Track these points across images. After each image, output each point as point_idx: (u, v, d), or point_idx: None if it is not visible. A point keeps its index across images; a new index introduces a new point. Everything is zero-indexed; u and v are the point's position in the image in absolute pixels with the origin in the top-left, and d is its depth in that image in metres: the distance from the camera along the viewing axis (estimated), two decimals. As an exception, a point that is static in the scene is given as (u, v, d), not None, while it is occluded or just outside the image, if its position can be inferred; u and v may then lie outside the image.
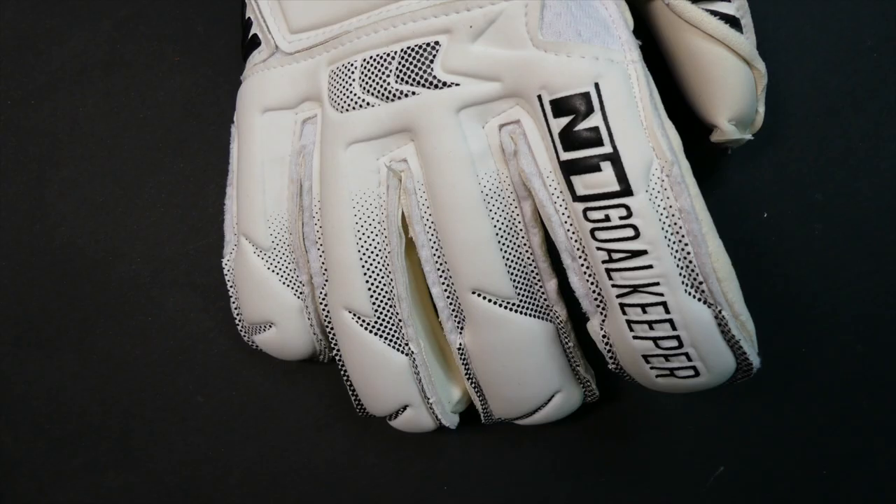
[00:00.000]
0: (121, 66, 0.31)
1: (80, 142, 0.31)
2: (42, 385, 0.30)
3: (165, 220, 0.30)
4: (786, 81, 0.28)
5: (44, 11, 0.32)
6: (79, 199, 0.31)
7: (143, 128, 0.31)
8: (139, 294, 0.30)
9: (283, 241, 0.25)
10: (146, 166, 0.30)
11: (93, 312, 0.30)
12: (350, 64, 0.23)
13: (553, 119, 0.20)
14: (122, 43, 0.31)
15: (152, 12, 0.31)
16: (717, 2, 0.23)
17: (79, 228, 0.31)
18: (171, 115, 0.30)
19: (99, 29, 0.32)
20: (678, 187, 0.20)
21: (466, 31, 0.21)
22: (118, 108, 0.31)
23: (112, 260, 0.30)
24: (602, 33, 0.21)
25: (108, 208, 0.30)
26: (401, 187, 0.23)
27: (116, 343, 0.30)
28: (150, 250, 0.30)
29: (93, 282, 0.30)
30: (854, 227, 0.28)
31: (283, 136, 0.25)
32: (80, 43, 0.32)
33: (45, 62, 0.32)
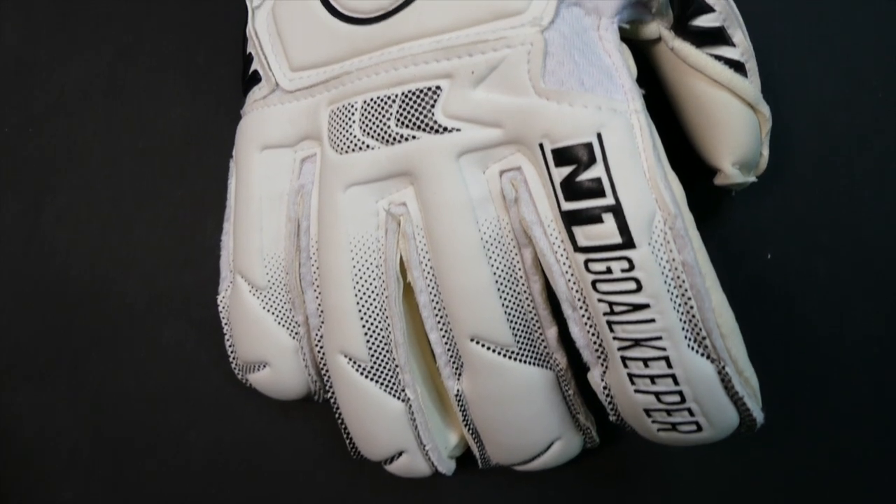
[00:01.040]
0: (121, 94, 0.31)
1: (77, 169, 0.31)
2: (31, 417, 0.30)
3: (162, 252, 0.30)
4: (789, 121, 0.28)
5: (45, 38, 0.32)
6: (74, 228, 0.30)
7: (142, 157, 0.30)
8: (133, 326, 0.30)
9: (280, 280, 0.25)
10: (144, 196, 0.30)
11: (85, 344, 0.30)
12: (350, 105, 0.23)
13: (555, 168, 0.20)
14: (122, 71, 0.31)
15: (154, 41, 0.31)
16: (721, 46, 0.23)
17: (73, 257, 0.30)
18: (171, 145, 0.30)
19: (100, 56, 0.31)
20: (681, 240, 0.19)
21: (468, 76, 0.21)
22: (117, 137, 0.31)
23: (106, 290, 0.30)
24: (605, 82, 0.20)
25: (104, 237, 0.30)
26: (399, 231, 0.23)
27: (108, 376, 0.30)
28: (146, 281, 0.30)
29: (86, 312, 0.30)
30: (860, 268, 0.27)
31: (282, 174, 0.25)
32: (80, 70, 0.31)
33: (45, 89, 0.32)
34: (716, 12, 0.22)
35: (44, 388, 0.30)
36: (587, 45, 0.21)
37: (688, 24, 0.22)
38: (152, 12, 0.31)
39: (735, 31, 0.23)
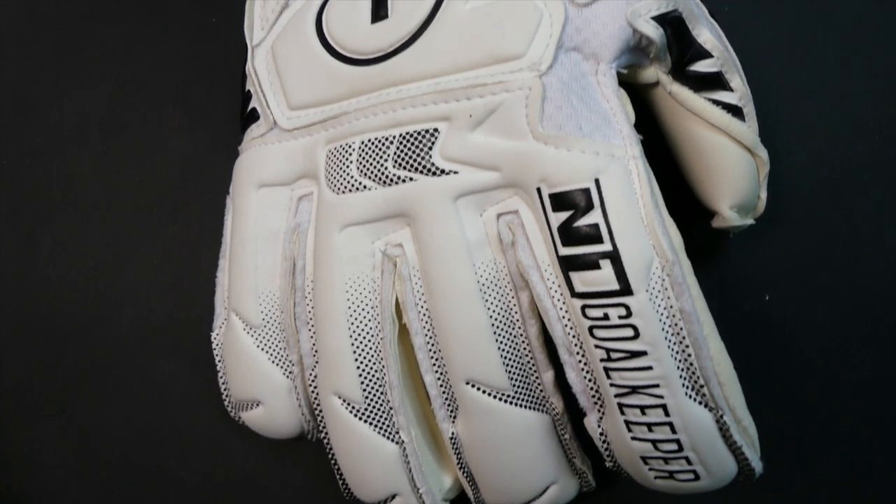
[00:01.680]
0: (119, 128, 0.31)
1: (73, 203, 0.31)
2: (19, 455, 0.29)
3: (156, 287, 0.30)
4: (788, 164, 0.28)
5: (44, 72, 0.32)
6: (69, 262, 0.30)
7: (139, 192, 0.30)
8: (125, 362, 0.29)
9: (274, 318, 0.25)
10: (140, 231, 0.30)
11: (76, 380, 0.29)
12: (348, 145, 0.23)
13: (552, 213, 0.20)
14: (121, 106, 0.31)
15: (153, 76, 0.31)
16: (719, 91, 0.23)
17: (67, 292, 0.30)
18: (168, 180, 0.30)
19: (99, 91, 0.31)
20: (679, 287, 0.19)
21: (466, 119, 0.21)
22: (114, 171, 0.31)
23: (99, 325, 0.30)
24: (603, 127, 0.20)
25: (99, 272, 0.30)
26: (395, 272, 0.22)
27: (98, 413, 0.29)
28: (139, 317, 0.30)
29: (78, 347, 0.30)
30: (859, 310, 0.27)
31: (278, 212, 0.25)
32: (79, 104, 0.31)
33: (44, 122, 0.32)
34: (713, 58, 0.22)
35: (31, 426, 0.29)
36: (585, 91, 0.21)
37: (686, 69, 0.22)
38: (152, 48, 0.31)
39: (733, 76, 0.23)
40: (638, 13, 0.21)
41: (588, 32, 0.21)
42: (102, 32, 0.32)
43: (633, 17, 0.21)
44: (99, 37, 0.32)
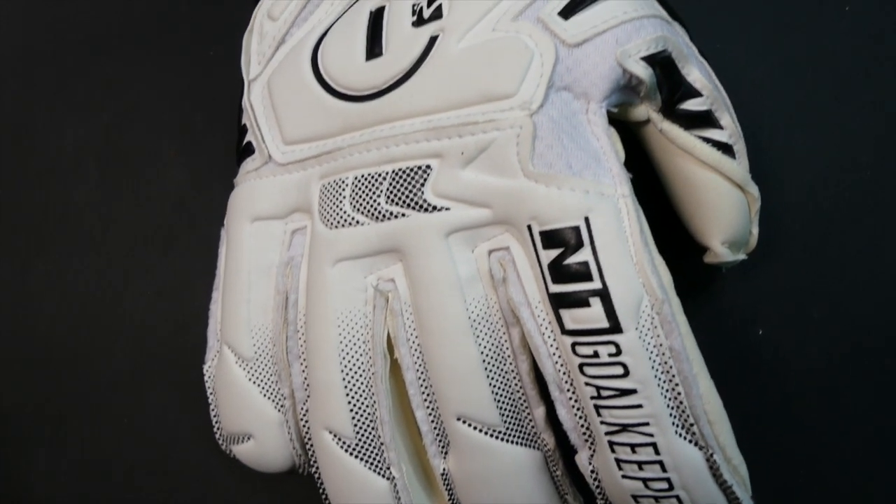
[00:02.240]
0: (116, 158, 0.31)
1: (69, 233, 0.31)
2: (8, 487, 0.29)
3: (149, 318, 0.30)
4: (779, 197, 0.28)
5: (43, 102, 0.33)
6: (62, 292, 0.30)
7: (134, 222, 0.30)
8: (117, 393, 0.29)
9: (266, 352, 0.25)
10: (134, 261, 0.30)
11: (67, 411, 0.29)
12: (341, 180, 0.23)
13: (542, 250, 0.20)
14: (118, 137, 0.31)
15: (151, 108, 0.31)
16: (709, 129, 0.23)
17: (59, 322, 0.30)
18: (163, 212, 0.30)
19: (97, 121, 0.32)
20: (668, 326, 0.19)
21: (458, 157, 0.21)
22: (110, 201, 0.31)
23: (91, 355, 0.30)
24: (593, 165, 0.21)
25: (92, 302, 0.30)
26: (387, 308, 0.23)
27: (90, 444, 0.29)
28: (132, 347, 0.29)
29: (70, 378, 0.30)
30: (853, 345, 0.27)
31: (272, 245, 0.25)
32: (76, 135, 0.32)
33: (41, 152, 0.32)
34: (703, 97, 0.23)
35: (21, 457, 0.29)
36: (576, 129, 0.21)
37: (676, 107, 0.23)
38: (150, 80, 0.32)
39: (723, 114, 0.23)
40: (627, 53, 0.21)
41: (578, 72, 0.21)
42: (101, 63, 0.32)
43: (622, 58, 0.21)
44: (97, 68, 0.32)
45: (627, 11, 0.22)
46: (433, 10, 0.23)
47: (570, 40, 0.21)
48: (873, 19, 0.30)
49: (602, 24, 0.22)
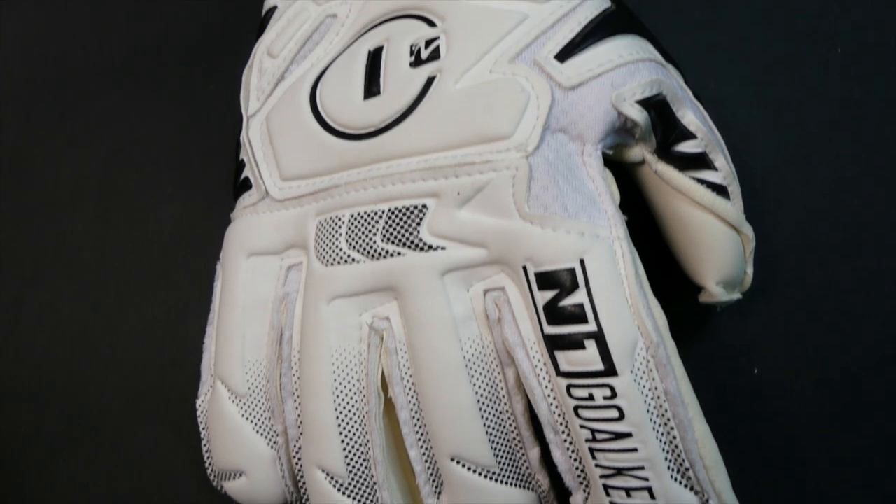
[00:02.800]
0: (114, 192, 0.31)
1: (64, 265, 0.31)
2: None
3: (143, 351, 0.29)
4: (774, 237, 0.28)
5: (43, 133, 0.33)
6: (56, 324, 0.30)
7: (130, 255, 0.30)
8: (108, 427, 0.29)
9: (260, 388, 0.25)
10: (129, 294, 0.30)
11: (57, 444, 0.29)
12: (338, 218, 0.23)
13: (538, 291, 0.20)
14: (116, 169, 0.32)
15: (149, 141, 0.32)
16: (704, 171, 0.23)
17: (52, 354, 0.30)
18: (159, 245, 0.30)
19: (96, 153, 0.32)
20: (663, 369, 0.19)
21: (454, 196, 0.21)
22: (106, 234, 0.31)
23: (83, 389, 0.29)
24: (588, 207, 0.21)
25: (85, 335, 0.30)
26: (382, 346, 0.22)
27: (79, 479, 0.29)
28: (124, 381, 0.29)
29: (61, 411, 0.29)
30: (849, 383, 0.27)
31: (267, 281, 0.25)
32: (75, 166, 0.32)
33: (40, 183, 0.32)
34: (697, 139, 0.23)
35: (9, 492, 0.29)
36: (571, 171, 0.21)
37: (670, 149, 0.23)
38: (149, 114, 0.32)
39: (717, 155, 0.23)
40: (623, 97, 0.22)
41: (574, 114, 0.21)
42: (101, 97, 0.33)
43: (617, 101, 0.21)
44: (97, 101, 0.33)
45: (623, 55, 0.22)
46: (431, 50, 0.23)
47: (566, 83, 0.21)
48: (864, 61, 0.30)
49: (598, 67, 0.22)
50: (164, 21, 0.34)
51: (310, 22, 0.27)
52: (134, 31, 0.34)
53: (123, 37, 0.34)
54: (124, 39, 0.34)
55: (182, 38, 0.33)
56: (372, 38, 0.25)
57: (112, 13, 0.35)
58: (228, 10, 0.33)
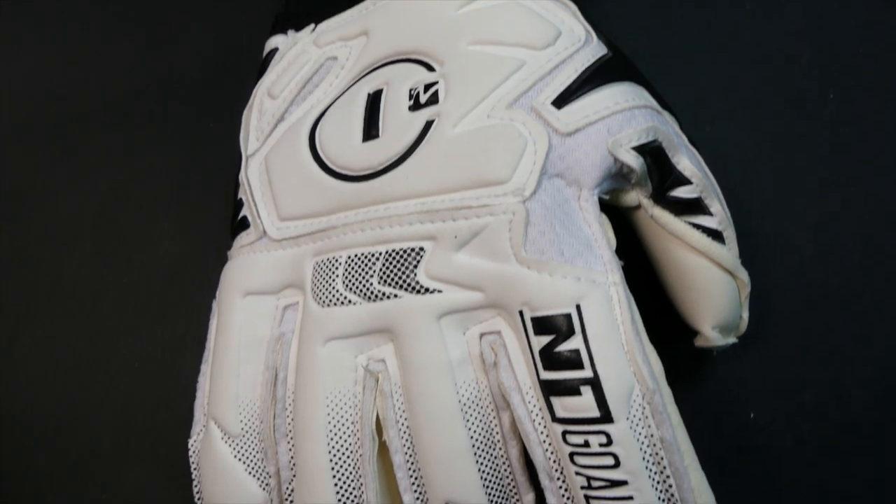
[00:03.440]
0: (111, 227, 0.31)
1: (59, 300, 0.31)
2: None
3: (136, 389, 0.29)
4: (769, 281, 0.28)
5: (41, 168, 0.33)
6: (49, 360, 0.30)
7: (126, 291, 0.30)
8: (98, 465, 0.29)
9: (253, 429, 0.24)
10: (123, 330, 0.30)
11: (46, 483, 0.29)
12: (335, 259, 0.23)
13: (534, 336, 0.20)
14: (114, 205, 0.32)
15: (149, 177, 0.32)
16: (699, 216, 0.23)
17: (45, 389, 0.30)
18: (156, 281, 0.30)
19: (94, 189, 0.32)
20: (659, 416, 0.19)
21: (451, 240, 0.21)
22: (102, 270, 0.31)
23: (74, 426, 0.29)
24: (585, 253, 0.21)
25: (79, 371, 0.30)
26: (377, 389, 0.22)
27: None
28: (117, 419, 0.29)
29: (51, 447, 0.29)
30: (845, 428, 0.27)
31: (263, 320, 0.25)
32: (73, 202, 0.32)
33: (37, 218, 0.32)
34: (693, 184, 0.23)
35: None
36: (568, 216, 0.21)
37: (666, 194, 0.23)
38: (149, 151, 0.32)
39: (712, 201, 0.24)
40: (619, 143, 0.22)
41: (571, 160, 0.22)
42: (101, 134, 0.33)
43: (614, 147, 0.22)
44: (97, 138, 0.33)
45: (619, 102, 0.22)
46: (430, 95, 0.23)
47: (563, 129, 0.22)
48: (857, 107, 0.31)
49: (594, 114, 0.22)
50: (165, 59, 0.35)
51: (310, 64, 0.27)
52: (135, 69, 0.34)
53: (125, 74, 0.34)
54: (125, 76, 0.34)
55: (183, 77, 0.34)
56: (371, 81, 0.25)
57: (114, 50, 0.35)
58: (230, 50, 0.34)
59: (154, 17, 0.36)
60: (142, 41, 0.35)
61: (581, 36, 0.24)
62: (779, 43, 0.32)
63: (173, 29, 0.35)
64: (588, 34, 0.24)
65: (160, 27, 0.36)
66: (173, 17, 0.36)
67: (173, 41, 0.35)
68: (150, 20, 0.36)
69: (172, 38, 0.35)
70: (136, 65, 0.35)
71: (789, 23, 0.33)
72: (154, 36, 0.35)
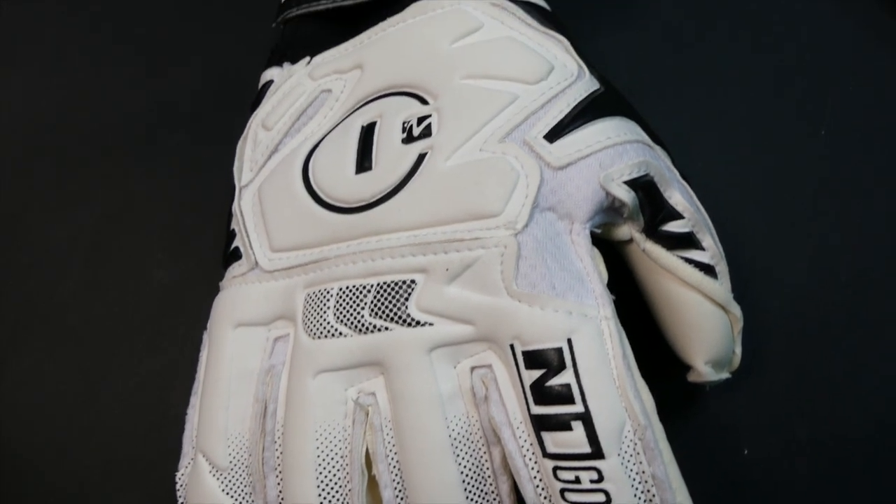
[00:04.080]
0: (103, 256, 0.31)
1: (48, 331, 0.30)
2: None
3: (124, 420, 0.29)
4: (762, 316, 0.28)
5: (35, 194, 0.33)
6: (37, 389, 0.30)
7: (116, 321, 0.30)
8: (85, 495, 0.28)
9: (242, 462, 0.24)
10: (113, 360, 0.30)
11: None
12: (326, 291, 0.23)
13: (525, 370, 0.20)
14: (107, 232, 0.32)
15: (143, 206, 0.32)
16: (691, 250, 0.23)
17: (32, 418, 0.29)
18: (147, 310, 0.30)
19: (87, 217, 0.32)
20: (651, 452, 0.19)
21: (443, 272, 0.21)
22: (93, 298, 0.31)
23: (63, 456, 0.29)
24: (576, 286, 0.21)
25: (66, 402, 0.29)
26: (367, 422, 0.22)
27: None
28: (105, 450, 0.29)
29: (38, 477, 0.29)
30: (840, 463, 0.27)
31: (254, 352, 0.25)
32: (66, 229, 0.32)
33: (29, 246, 0.32)
34: (685, 219, 0.23)
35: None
36: (559, 250, 0.21)
37: (658, 228, 0.23)
38: (143, 180, 0.32)
39: (704, 235, 0.24)
40: (611, 177, 0.22)
41: (563, 194, 0.22)
42: (95, 162, 0.33)
43: (605, 182, 0.22)
44: (91, 166, 0.33)
45: (611, 136, 0.23)
46: (423, 128, 0.24)
47: (555, 163, 0.22)
48: (848, 142, 0.31)
49: (586, 148, 0.22)
50: (161, 89, 0.35)
51: (305, 96, 0.27)
52: (131, 98, 0.35)
53: (120, 103, 0.35)
54: (121, 105, 0.34)
55: (178, 106, 0.34)
56: (365, 113, 0.25)
57: (109, 80, 0.35)
58: (225, 80, 0.34)
59: (150, 46, 0.36)
60: (137, 70, 0.36)
61: (573, 70, 0.24)
62: (771, 78, 0.33)
63: (169, 58, 0.36)
64: (580, 69, 0.24)
65: (156, 56, 0.36)
66: (169, 46, 0.36)
67: (169, 71, 0.35)
68: (145, 49, 0.36)
69: (168, 68, 0.36)
70: (132, 93, 0.35)
71: (782, 58, 0.33)
72: (150, 65, 0.36)
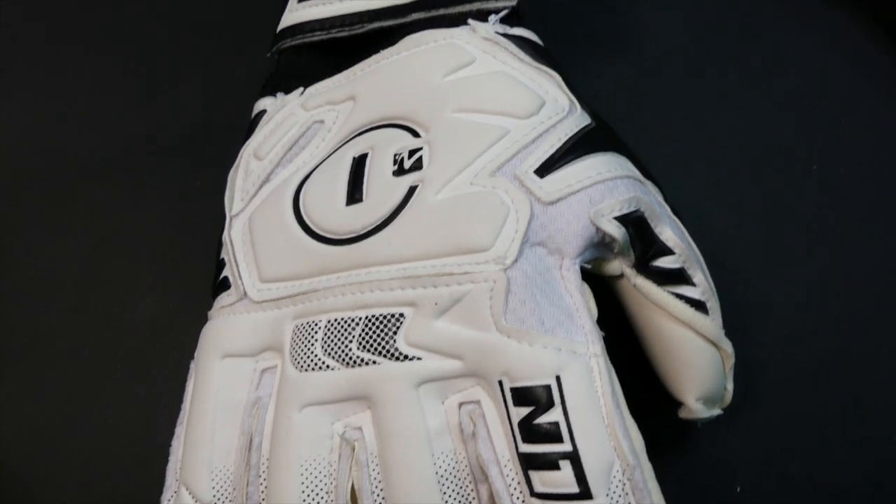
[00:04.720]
0: (92, 283, 0.31)
1: (35, 357, 0.30)
2: None
3: (108, 450, 0.29)
4: (754, 352, 0.28)
5: (26, 222, 0.33)
6: (22, 416, 0.29)
7: (104, 348, 0.30)
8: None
9: (226, 496, 0.24)
10: (98, 389, 0.29)
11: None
12: (314, 323, 0.23)
13: (513, 407, 0.20)
14: (97, 260, 0.31)
15: (131, 235, 0.32)
16: (682, 286, 0.23)
17: (14, 449, 0.29)
18: (134, 339, 0.30)
19: (76, 245, 0.32)
20: (640, 493, 0.19)
21: (431, 307, 0.21)
22: (81, 326, 0.30)
23: (44, 487, 0.28)
24: (566, 323, 0.21)
25: (51, 430, 0.29)
26: (353, 457, 0.22)
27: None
28: (87, 480, 0.28)
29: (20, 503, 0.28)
30: (833, 500, 0.26)
31: (240, 383, 0.24)
32: (55, 257, 0.32)
33: (18, 273, 0.32)
34: (676, 255, 0.23)
35: None
36: (549, 285, 0.21)
37: (649, 264, 0.23)
38: (133, 208, 0.32)
39: (695, 271, 0.24)
40: (601, 213, 0.22)
41: (553, 229, 0.22)
42: (85, 189, 0.33)
43: (596, 217, 0.22)
44: (81, 193, 0.33)
45: (601, 172, 0.23)
46: (414, 161, 0.24)
47: (546, 198, 0.22)
48: (840, 177, 0.31)
49: (576, 183, 0.22)
50: (152, 117, 0.35)
51: (297, 127, 0.27)
52: (122, 127, 0.35)
53: (111, 130, 0.35)
54: (111, 133, 0.34)
55: (170, 135, 0.34)
56: (357, 145, 0.25)
57: (101, 107, 0.36)
58: (217, 109, 0.34)
59: (142, 75, 0.36)
60: (129, 99, 0.36)
61: (565, 106, 0.24)
62: (763, 113, 0.33)
63: (161, 87, 0.36)
64: (572, 104, 0.24)
65: (148, 85, 0.36)
66: (162, 75, 0.36)
67: (161, 99, 0.36)
68: (138, 78, 0.36)
69: (160, 97, 0.36)
70: (123, 122, 0.35)
71: (774, 93, 0.33)
72: (141, 94, 0.36)
